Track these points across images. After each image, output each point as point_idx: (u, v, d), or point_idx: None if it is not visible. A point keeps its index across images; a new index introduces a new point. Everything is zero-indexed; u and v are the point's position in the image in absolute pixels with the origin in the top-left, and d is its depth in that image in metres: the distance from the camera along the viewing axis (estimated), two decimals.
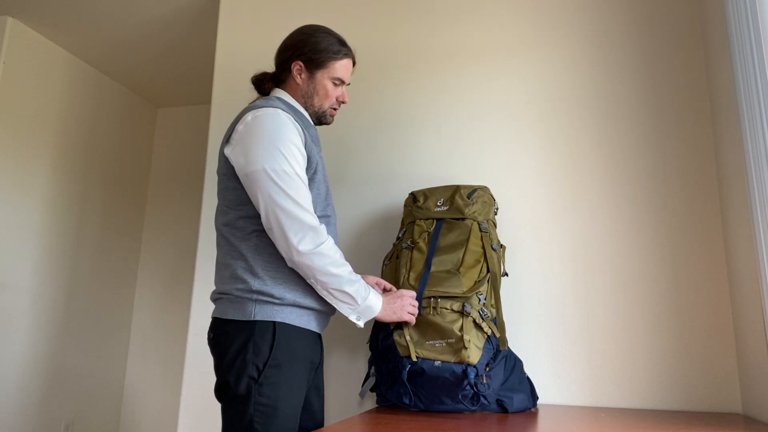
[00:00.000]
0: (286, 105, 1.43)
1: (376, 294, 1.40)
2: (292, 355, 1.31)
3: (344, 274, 1.32)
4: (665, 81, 1.83)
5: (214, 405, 2.02)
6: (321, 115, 1.50)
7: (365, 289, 1.37)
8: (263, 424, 1.25)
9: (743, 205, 1.50)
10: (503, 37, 2.02)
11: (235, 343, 1.29)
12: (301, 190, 1.30)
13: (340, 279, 1.31)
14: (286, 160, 1.29)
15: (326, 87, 1.47)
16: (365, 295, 1.36)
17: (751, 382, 1.50)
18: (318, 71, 1.46)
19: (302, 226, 1.28)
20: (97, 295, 3.39)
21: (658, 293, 1.71)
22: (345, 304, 1.34)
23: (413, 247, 1.66)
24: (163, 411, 3.51)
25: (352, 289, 1.33)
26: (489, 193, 1.78)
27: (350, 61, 1.50)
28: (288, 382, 1.29)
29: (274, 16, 2.33)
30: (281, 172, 1.28)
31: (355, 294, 1.34)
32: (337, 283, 1.31)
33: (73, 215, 3.25)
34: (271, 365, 1.27)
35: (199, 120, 3.94)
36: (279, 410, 1.26)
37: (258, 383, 1.26)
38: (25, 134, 2.94)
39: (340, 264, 1.32)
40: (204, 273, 2.16)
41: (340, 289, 1.32)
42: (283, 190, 1.28)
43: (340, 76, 1.48)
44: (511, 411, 1.48)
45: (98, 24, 2.94)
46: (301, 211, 1.29)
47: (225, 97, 2.32)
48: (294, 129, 1.34)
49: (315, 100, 1.48)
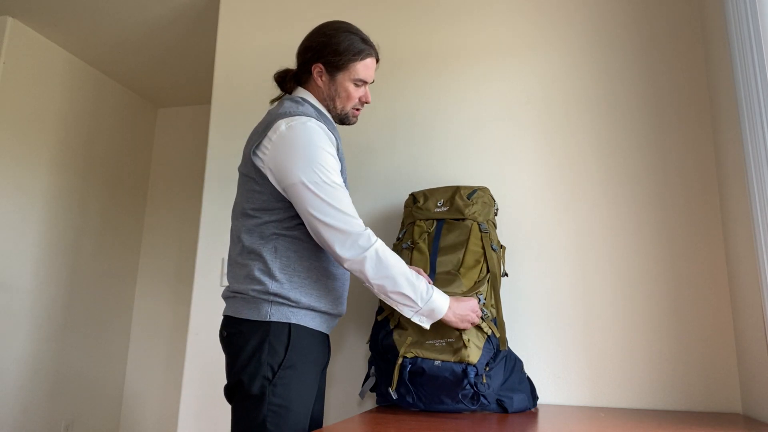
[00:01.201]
0: (314, 108, 1.43)
1: (443, 296, 1.36)
2: (305, 356, 1.32)
3: (398, 276, 1.30)
4: (665, 81, 1.83)
5: (213, 405, 2.02)
6: (343, 117, 1.49)
7: (427, 291, 1.33)
8: (276, 424, 1.26)
9: (743, 205, 1.50)
10: (503, 38, 2.02)
11: (250, 344, 1.30)
12: (341, 198, 1.30)
13: (395, 281, 1.29)
14: (324, 170, 1.30)
15: (348, 89, 1.44)
16: (427, 297, 1.32)
17: (751, 382, 1.50)
18: (339, 73, 1.43)
19: (345, 234, 1.28)
20: (97, 295, 3.39)
21: (658, 293, 1.71)
22: (405, 306, 1.32)
23: (413, 248, 1.66)
24: (163, 411, 3.51)
25: (410, 291, 1.31)
26: (489, 194, 1.78)
27: (373, 60, 1.46)
28: (300, 383, 1.30)
29: (274, 16, 2.33)
30: (321, 183, 1.28)
31: (414, 296, 1.31)
32: (392, 286, 1.30)
33: (73, 215, 3.25)
34: (286, 366, 1.28)
35: (199, 120, 3.94)
36: (291, 411, 1.27)
37: (272, 384, 1.27)
38: (25, 134, 2.94)
39: (391, 265, 1.30)
40: (204, 273, 2.16)
41: (397, 291, 1.30)
42: (323, 200, 1.28)
43: (362, 77, 1.44)
44: (511, 411, 1.48)
45: (98, 24, 2.94)
46: (344, 218, 1.28)
47: (225, 97, 2.32)
48: (326, 138, 1.33)
49: (337, 102, 1.46)
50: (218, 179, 2.23)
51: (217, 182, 2.23)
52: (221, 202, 2.21)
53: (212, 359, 2.06)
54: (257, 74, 2.29)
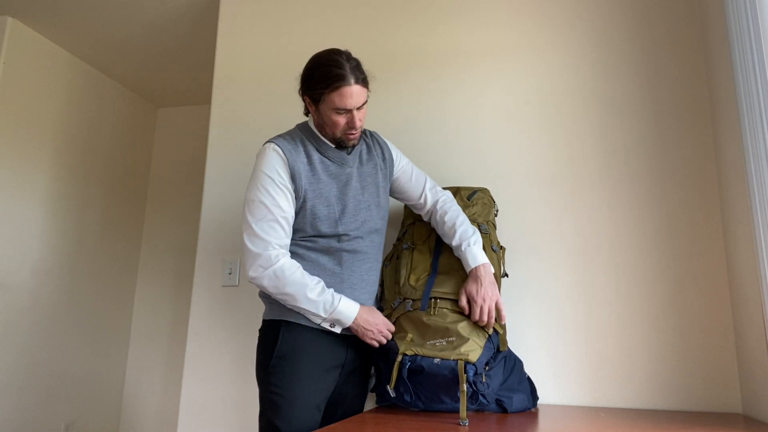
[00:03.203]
0: (304, 134, 1.54)
1: (351, 306, 1.46)
2: (299, 348, 1.46)
3: (296, 294, 1.42)
4: (665, 81, 1.83)
5: (214, 405, 2.03)
6: (338, 142, 1.53)
7: (332, 303, 1.44)
8: (273, 411, 1.43)
9: (743, 205, 1.50)
10: (503, 38, 2.02)
11: (260, 338, 1.53)
12: (261, 217, 1.43)
13: (293, 297, 1.42)
14: (254, 190, 1.45)
15: (331, 117, 1.46)
16: (331, 309, 1.43)
17: (751, 382, 1.50)
18: (320, 104, 1.47)
19: (250, 253, 1.43)
20: (97, 295, 3.39)
21: (658, 293, 1.71)
22: (311, 314, 1.45)
23: (413, 248, 1.66)
24: (163, 411, 3.51)
25: (309, 305, 1.43)
26: (489, 195, 1.78)
27: (348, 88, 1.41)
28: (296, 371, 1.44)
29: (274, 17, 2.33)
30: (251, 201, 1.45)
31: (315, 309, 1.43)
32: (292, 300, 1.43)
33: (73, 215, 3.25)
34: (279, 356, 1.45)
35: (199, 120, 3.94)
36: (285, 398, 1.42)
37: (268, 373, 1.45)
38: (25, 134, 2.94)
39: (289, 284, 1.41)
40: (204, 273, 2.16)
41: (296, 306, 1.44)
42: (247, 216, 1.45)
43: (339, 106, 1.43)
44: (510, 411, 1.48)
45: (98, 24, 2.94)
46: (253, 237, 1.43)
47: (225, 97, 2.32)
48: (274, 162, 1.46)
49: (327, 129, 1.51)
50: (218, 179, 2.23)
51: (217, 182, 2.23)
52: (221, 202, 2.21)
53: (212, 359, 2.06)
54: (257, 74, 2.29)
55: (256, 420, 1.96)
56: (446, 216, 1.60)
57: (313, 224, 1.48)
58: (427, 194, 1.66)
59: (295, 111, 2.19)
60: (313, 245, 1.50)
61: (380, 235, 1.61)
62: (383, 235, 1.64)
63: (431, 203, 1.65)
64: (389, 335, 1.49)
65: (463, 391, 1.34)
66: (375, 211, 1.58)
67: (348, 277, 1.51)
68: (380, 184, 1.61)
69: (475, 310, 1.43)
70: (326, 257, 1.50)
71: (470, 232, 1.55)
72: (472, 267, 1.49)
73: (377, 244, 1.59)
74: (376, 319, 1.49)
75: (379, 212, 1.59)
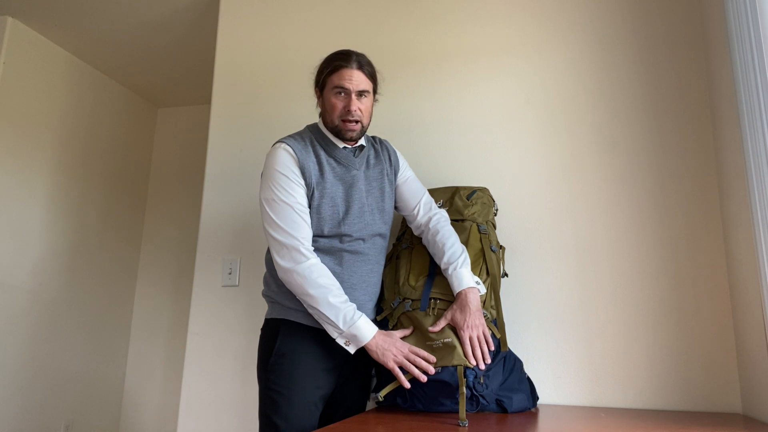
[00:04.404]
0: (313, 134, 1.56)
1: (370, 326, 1.42)
2: (297, 347, 1.47)
3: (321, 296, 1.40)
4: (665, 81, 1.83)
5: (213, 405, 2.03)
6: (337, 132, 1.54)
7: (352, 317, 1.40)
8: (272, 407, 1.45)
9: (743, 205, 1.50)
10: (503, 38, 2.02)
11: (261, 337, 1.55)
12: (286, 215, 1.45)
13: (317, 300, 1.40)
14: (276, 190, 1.46)
15: (331, 100, 1.52)
16: (350, 323, 1.40)
17: (751, 382, 1.50)
18: (324, 91, 1.54)
19: (282, 246, 1.44)
20: (97, 295, 3.39)
21: (658, 293, 1.71)
22: (329, 325, 1.42)
23: (413, 248, 1.66)
24: (163, 411, 3.51)
25: (330, 312, 1.39)
26: (488, 195, 1.78)
27: (348, 70, 1.48)
28: (294, 369, 1.45)
29: (274, 17, 2.33)
30: (271, 201, 1.47)
31: (335, 319, 1.39)
32: (315, 303, 1.40)
33: (73, 215, 3.25)
34: (278, 354, 1.47)
35: (199, 120, 3.94)
36: (283, 395, 1.44)
37: (267, 370, 1.47)
38: (25, 134, 2.94)
39: (316, 286, 1.40)
40: (204, 273, 2.16)
41: (315, 309, 1.41)
42: (270, 215, 1.46)
43: (337, 84, 1.49)
44: (510, 411, 1.48)
45: (98, 24, 2.94)
46: (284, 233, 1.44)
47: (225, 97, 2.32)
48: (285, 160, 1.48)
49: (327, 117, 1.54)
50: (218, 179, 2.23)
51: (217, 182, 2.23)
52: (221, 202, 2.21)
53: (212, 359, 2.07)
54: (257, 74, 2.29)
55: (256, 420, 1.96)
56: (437, 236, 1.58)
57: (318, 224, 1.49)
58: (420, 208, 1.65)
59: (295, 111, 2.19)
60: (314, 245, 1.50)
61: (383, 239, 1.61)
62: (386, 240, 1.63)
63: (423, 218, 1.64)
64: (429, 368, 1.38)
65: (463, 394, 1.35)
66: (378, 215, 1.58)
67: (348, 277, 1.51)
68: (386, 189, 1.61)
69: (465, 341, 1.40)
70: (327, 257, 1.50)
71: (458, 253, 1.52)
72: (458, 290, 1.47)
73: (379, 247, 1.59)
74: (395, 341, 1.43)
75: (383, 217, 1.59)
